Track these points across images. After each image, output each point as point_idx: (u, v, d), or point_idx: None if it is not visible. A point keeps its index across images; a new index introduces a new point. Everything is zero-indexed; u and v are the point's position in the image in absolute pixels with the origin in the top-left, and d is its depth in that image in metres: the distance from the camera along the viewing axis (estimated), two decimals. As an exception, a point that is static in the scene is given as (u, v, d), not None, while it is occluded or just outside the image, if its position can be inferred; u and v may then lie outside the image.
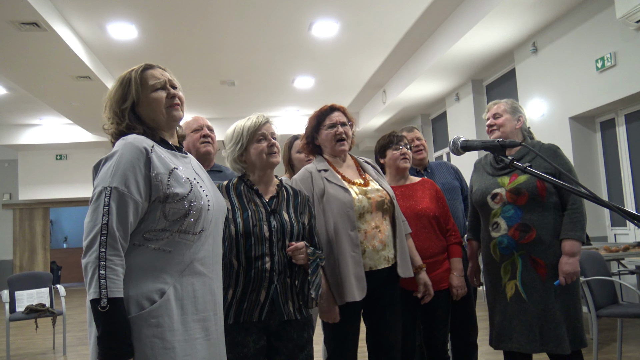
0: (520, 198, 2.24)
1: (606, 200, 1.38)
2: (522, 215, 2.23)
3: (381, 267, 2.09)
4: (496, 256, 2.31)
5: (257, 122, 1.87)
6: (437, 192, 2.56)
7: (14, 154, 10.86)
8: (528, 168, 1.44)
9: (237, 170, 1.93)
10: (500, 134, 2.38)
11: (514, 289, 2.25)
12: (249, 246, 1.75)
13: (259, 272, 1.74)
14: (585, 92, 4.97)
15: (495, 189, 2.31)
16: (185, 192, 1.40)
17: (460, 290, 2.44)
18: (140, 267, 1.35)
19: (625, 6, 4.07)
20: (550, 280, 2.19)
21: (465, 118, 7.54)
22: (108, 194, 1.31)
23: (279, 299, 1.77)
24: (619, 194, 5.14)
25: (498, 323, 2.31)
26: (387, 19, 5.63)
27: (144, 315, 1.31)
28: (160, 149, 1.45)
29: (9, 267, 10.72)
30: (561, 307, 2.17)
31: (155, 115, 1.50)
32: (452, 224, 2.55)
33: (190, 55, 6.46)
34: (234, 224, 1.77)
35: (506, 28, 5.35)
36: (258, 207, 1.82)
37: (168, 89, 1.52)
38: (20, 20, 4.68)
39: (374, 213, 2.12)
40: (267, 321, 1.77)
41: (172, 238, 1.38)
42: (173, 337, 1.34)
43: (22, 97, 7.84)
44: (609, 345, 4.02)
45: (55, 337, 5.26)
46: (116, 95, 1.49)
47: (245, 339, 1.74)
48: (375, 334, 2.16)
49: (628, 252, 4.09)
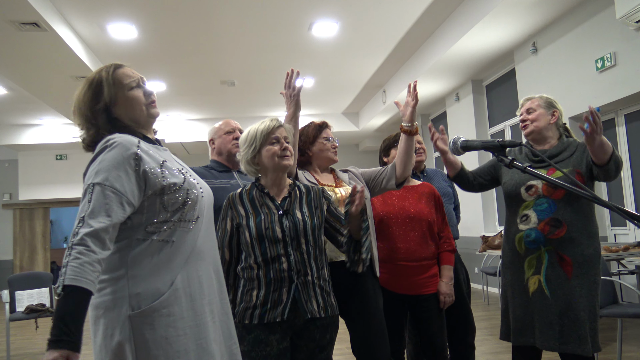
0: (557, 192, 2.18)
1: (606, 200, 1.38)
2: (556, 210, 2.17)
3: (341, 259, 2.08)
4: (521, 249, 2.25)
5: (270, 125, 1.91)
6: (437, 199, 2.55)
7: (14, 154, 10.86)
8: (528, 168, 1.44)
9: (251, 173, 1.97)
10: (534, 129, 2.32)
11: (537, 285, 2.19)
12: (264, 249, 1.81)
13: (277, 273, 1.79)
14: (585, 92, 4.98)
15: (532, 180, 2.25)
16: (180, 182, 1.43)
17: (448, 298, 2.43)
18: (148, 261, 1.37)
19: (625, 6, 4.08)
20: (575, 279, 2.12)
21: (465, 118, 7.54)
22: (91, 190, 1.31)
23: (301, 297, 1.80)
24: (619, 194, 5.14)
25: (518, 317, 2.24)
26: (387, 19, 5.64)
27: (155, 306, 1.34)
28: (145, 144, 1.45)
29: (9, 267, 10.72)
30: (584, 307, 2.10)
31: (134, 113, 1.49)
32: (448, 232, 2.55)
33: (190, 55, 6.47)
34: (247, 229, 1.83)
35: (506, 28, 5.35)
36: (271, 210, 1.86)
37: (143, 87, 1.52)
38: (20, 20, 4.68)
39: (341, 209, 2.14)
40: (292, 320, 1.80)
41: (173, 228, 1.41)
42: (185, 324, 1.38)
43: (22, 97, 7.84)
44: (609, 345, 4.02)
45: (55, 337, 5.25)
46: (85, 98, 1.46)
47: (269, 338, 1.78)
48: (362, 345, 2.14)
49: (628, 252, 4.09)
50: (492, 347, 4.10)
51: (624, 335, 4.18)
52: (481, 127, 7.35)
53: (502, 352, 3.97)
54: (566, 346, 2.09)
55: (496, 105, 7.18)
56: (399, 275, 2.39)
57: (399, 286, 2.38)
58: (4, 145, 10.08)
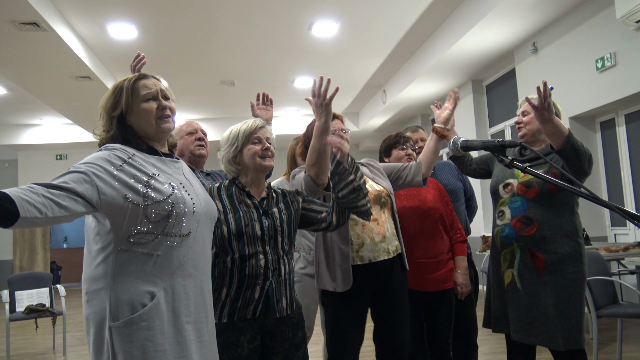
0: (530, 191, 2.26)
1: (606, 200, 1.38)
2: (528, 208, 2.25)
3: (381, 259, 2.14)
4: (498, 243, 2.35)
5: (253, 125, 1.92)
6: (441, 191, 2.59)
7: (14, 154, 10.86)
8: (528, 168, 1.44)
9: (231, 172, 1.95)
10: (526, 132, 2.39)
11: (511, 278, 2.28)
12: (242, 245, 1.79)
13: (253, 270, 1.77)
14: (585, 92, 4.97)
15: (509, 179, 2.35)
16: (165, 195, 1.42)
17: (465, 288, 2.46)
18: (130, 273, 1.37)
19: (625, 6, 4.07)
20: (547, 276, 2.19)
21: (465, 118, 7.53)
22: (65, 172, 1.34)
23: (274, 296, 1.79)
24: (619, 194, 5.14)
25: (497, 307, 2.34)
26: (387, 19, 5.63)
27: (135, 318, 1.34)
28: (144, 156, 1.48)
29: (9, 267, 10.71)
30: (555, 302, 2.16)
31: (144, 125, 1.52)
32: (457, 222, 2.58)
33: (190, 55, 6.47)
34: (226, 224, 1.80)
35: (506, 28, 5.35)
36: (249, 208, 1.86)
37: (159, 100, 1.53)
38: (20, 20, 4.68)
39: (372, 206, 2.14)
40: (262, 319, 1.79)
41: (158, 241, 1.40)
42: (165, 339, 1.36)
43: (22, 97, 7.84)
44: (609, 345, 4.02)
45: (55, 337, 5.25)
46: (108, 103, 1.53)
47: (239, 339, 1.75)
48: (383, 333, 2.18)
49: (628, 252, 4.09)
50: (492, 347, 4.10)
51: (624, 335, 4.17)
52: (481, 127, 7.35)
53: (502, 352, 3.96)
54: (535, 338, 2.18)
55: (496, 105, 7.18)
56: (420, 273, 2.40)
57: (419, 284, 2.38)
58: (4, 145, 10.07)
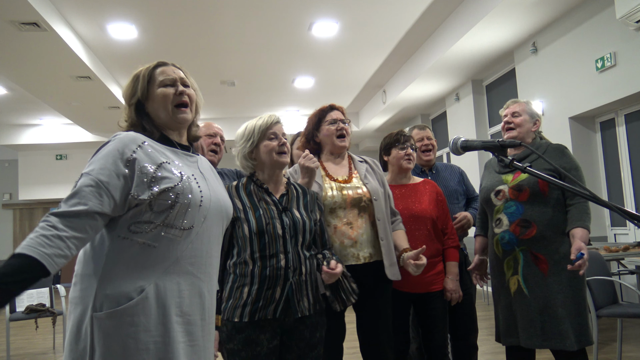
0: (522, 194, 2.26)
1: (606, 200, 1.38)
2: (524, 212, 2.25)
3: (347, 264, 2.06)
4: (499, 252, 2.33)
5: (269, 120, 1.90)
6: (438, 195, 2.55)
7: (14, 154, 10.86)
8: (528, 168, 1.44)
9: (247, 167, 1.94)
10: (517, 134, 2.40)
11: (517, 285, 2.26)
12: (263, 245, 1.78)
13: (274, 270, 1.76)
14: (585, 92, 4.97)
15: (499, 186, 2.35)
16: (171, 185, 1.34)
17: (454, 294, 2.42)
18: (123, 263, 1.30)
19: (625, 6, 4.07)
20: (552, 276, 2.19)
21: (465, 118, 7.53)
22: (78, 178, 1.31)
23: (294, 296, 1.78)
24: (619, 194, 5.14)
25: (504, 319, 2.32)
26: (387, 19, 5.63)
27: (119, 311, 1.26)
28: (155, 144, 1.42)
29: (9, 267, 10.72)
30: (562, 303, 2.16)
31: (160, 111, 1.46)
32: (451, 227, 2.54)
33: (190, 55, 6.46)
34: (247, 223, 1.79)
35: (506, 28, 5.35)
36: (269, 206, 1.84)
37: (177, 86, 1.48)
38: (20, 20, 4.68)
39: (348, 209, 2.12)
40: (282, 319, 1.78)
41: (157, 232, 1.32)
42: (148, 337, 1.28)
43: (22, 97, 7.85)
44: (609, 345, 4.02)
45: (55, 337, 5.25)
46: (127, 92, 1.50)
47: (259, 337, 1.75)
48: (363, 332, 2.17)
49: (628, 252, 4.09)
50: (491, 347, 4.09)
51: (624, 335, 4.17)
52: (481, 127, 7.34)
53: (502, 353, 3.95)
54: (548, 342, 2.16)
55: (496, 105, 7.17)
56: (405, 273, 2.39)
57: (405, 284, 2.37)
58: (4, 145, 10.08)
